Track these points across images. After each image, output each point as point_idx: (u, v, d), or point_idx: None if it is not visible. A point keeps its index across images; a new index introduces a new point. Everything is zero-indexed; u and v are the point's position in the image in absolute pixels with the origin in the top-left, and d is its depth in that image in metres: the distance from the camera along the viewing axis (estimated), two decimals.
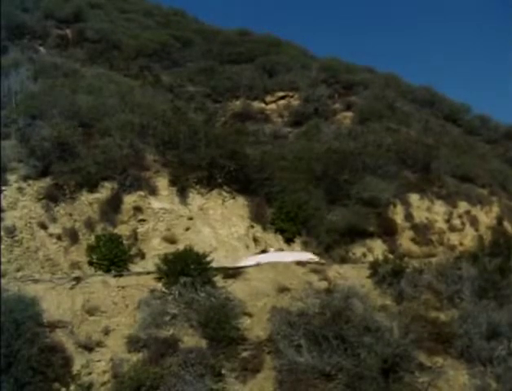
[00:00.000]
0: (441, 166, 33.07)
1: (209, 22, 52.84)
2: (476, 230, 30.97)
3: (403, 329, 15.35)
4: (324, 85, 41.49)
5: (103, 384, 14.00)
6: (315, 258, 20.58)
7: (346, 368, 14.36)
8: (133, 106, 27.47)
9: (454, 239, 29.88)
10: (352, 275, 17.89)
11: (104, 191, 23.23)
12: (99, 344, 14.66)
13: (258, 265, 18.76)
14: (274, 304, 16.11)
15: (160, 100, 30.96)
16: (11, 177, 22.17)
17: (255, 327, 15.60)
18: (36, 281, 16.71)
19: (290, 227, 25.61)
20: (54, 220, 21.83)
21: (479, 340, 15.52)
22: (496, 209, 32.88)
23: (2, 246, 19.86)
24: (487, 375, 14.95)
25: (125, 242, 21.76)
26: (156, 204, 23.82)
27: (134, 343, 14.75)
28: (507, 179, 36.40)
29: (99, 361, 14.38)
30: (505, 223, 32.21)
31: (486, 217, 31.87)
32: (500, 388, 14.72)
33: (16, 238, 20.52)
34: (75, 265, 20.86)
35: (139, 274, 17.84)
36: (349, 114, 38.88)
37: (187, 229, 23.67)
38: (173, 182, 24.63)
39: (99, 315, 15.31)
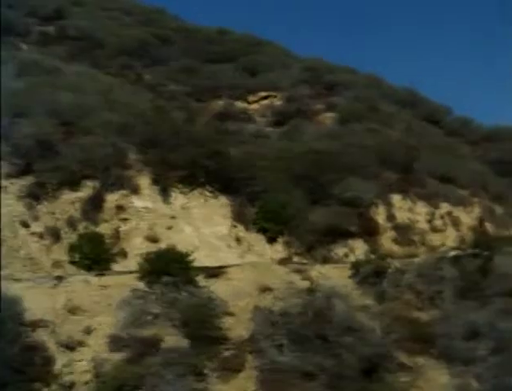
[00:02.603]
0: (423, 167, 33.16)
1: (189, 20, 52.79)
2: (457, 230, 31.09)
3: (384, 329, 15.43)
4: (306, 85, 41.53)
5: (85, 383, 13.94)
6: None
7: (327, 368, 14.40)
8: (114, 104, 27.33)
9: (436, 239, 29.96)
10: (334, 275, 17.97)
11: (86, 190, 23.10)
12: (81, 343, 14.60)
13: None
14: (256, 303, 16.13)
15: (141, 99, 30.83)
16: None
17: (237, 327, 15.62)
18: (18, 280, 16.60)
19: (272, 227, 25.63)
20: (36, 218, 21.65)
21: (459, 340, 15.65)
22: (477, 210, 33.03)
23: None
24: (467, 375, 15.06)
25: (107, 241, 21.67)
26: (138, 202, 23.74)
27: (115, 342, 14.70)
28: (488, 180, 36.62)
29: (80, 360, 14.31)
30: (486, 224, 32.39)
31: (467, 218, 32.00)
32: (481, 387, 14.83)
33: None
34: (57, 264, 20.70)
35: (120, 273, 17.80)
36: (331, 114, 38.89)
37: (170, 228, 23.60)
38: (155, 181, 24.56)
39: (81, 314, 15.23)
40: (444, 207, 31.42)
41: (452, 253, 20.15)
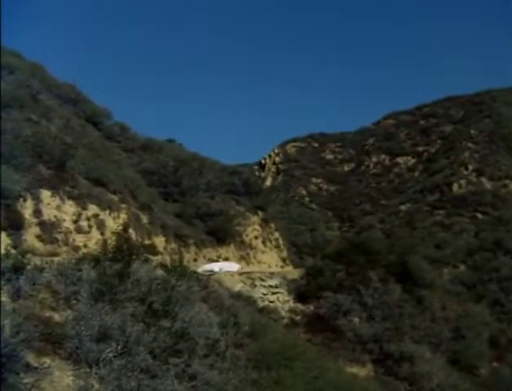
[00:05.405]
0: (77, 166, 33.20)
1: None
2: (102, 234, 31.62)
3: (14, 328, 15.01)
4: None
5: None
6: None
7: None
8: None
9: (80, 240, 30.14)
10: None
11: None
12: None
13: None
14: None
15: None
16: None
17: None
18: None
19: None
20: None
21: (89, 342, 15.90)
22: (124, 216, 34.05)
23: None
24: (91, 376, 15.36)
25: None
26: None
27: None
28: (138, 189, 38.03)
29: None
30: (131, 230, 33.53)
31: (113, 223, 32.75)
32: (103, 388, 15.24)
33: None
34: None
35: None
36: None
37: None
38: None
39: None
40: (92, 209, 31.87)
41: (94, 256, 20.48)
